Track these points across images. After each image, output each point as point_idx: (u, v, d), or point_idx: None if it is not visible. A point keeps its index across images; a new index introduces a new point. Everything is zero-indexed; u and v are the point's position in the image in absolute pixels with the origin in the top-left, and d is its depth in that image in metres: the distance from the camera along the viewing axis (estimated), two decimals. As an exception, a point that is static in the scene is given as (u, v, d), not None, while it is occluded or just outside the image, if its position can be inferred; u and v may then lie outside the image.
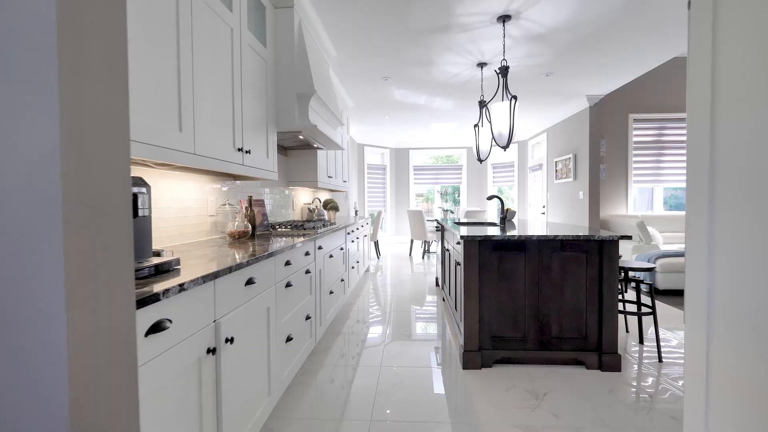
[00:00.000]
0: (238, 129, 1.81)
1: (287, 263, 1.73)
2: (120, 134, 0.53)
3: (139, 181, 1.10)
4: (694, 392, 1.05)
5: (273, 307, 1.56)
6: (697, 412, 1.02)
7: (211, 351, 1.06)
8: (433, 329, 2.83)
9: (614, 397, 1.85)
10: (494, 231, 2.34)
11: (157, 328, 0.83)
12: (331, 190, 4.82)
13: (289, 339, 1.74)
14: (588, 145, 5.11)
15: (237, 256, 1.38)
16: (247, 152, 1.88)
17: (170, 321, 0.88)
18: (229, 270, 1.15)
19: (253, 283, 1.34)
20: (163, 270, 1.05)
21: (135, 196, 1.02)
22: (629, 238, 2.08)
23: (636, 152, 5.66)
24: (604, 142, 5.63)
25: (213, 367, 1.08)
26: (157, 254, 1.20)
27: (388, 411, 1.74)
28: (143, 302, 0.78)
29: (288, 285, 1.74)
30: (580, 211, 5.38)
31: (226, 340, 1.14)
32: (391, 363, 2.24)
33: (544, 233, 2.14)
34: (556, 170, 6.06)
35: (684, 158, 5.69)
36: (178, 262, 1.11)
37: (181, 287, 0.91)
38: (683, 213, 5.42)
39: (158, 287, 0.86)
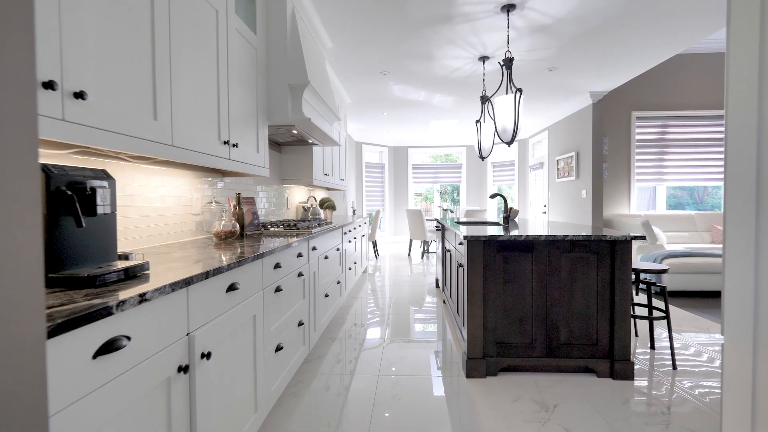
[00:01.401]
0: (224, 120, 1.67)
1: (277, 266, 1.59)
2: (17, 103, 0.39)
3: (101, 174, 0.96)
4: (735, 415, 0.92)
5: (260, 314, 1.42)
6: (742, 439, 0.89)
7: (183, 369, 0.92)
8: (434, 334, 2.70)
9: (629, 409, 1.72)
10: (498, 231, 2.21)
11: (110, 347, 0.69)
12: (328, 189, 4.68)
13: (279, 348, 1.60)
14: (591, 143, 4.99)
15: (223, 258, 1.24)
16: (234, 146, 1.74)
17: (128, 338, 0.74)
18: (206, 275, 1.01)
19: (236, 289, 1.20)
20: (131, 276, 0.91)
21: (93, 191, 0.88)
22: (643, 238, 1.96)
23: (638, 150, 5.55)
24: (606, 140, 5.52)
25: (185, 387, 0.95)
26: (125, 257, 1.06)
27: (386, 425, 1.60)
28: (90, 317, 0.64)
29: (278, 290, 1.60)
30: (582, 210, 5.26)
31: (202, 356, 1.00)
32: (390, 371, 2.11)
33: (552, 233, 2.01)
34: (558, 169, 5.94)
35: (688, 157, 5.58)
36: (146, 266, 0.97)
37: (142, 298, 0.77)
38: (687, 212, 5.31)
39: (113, 298, 0.72)
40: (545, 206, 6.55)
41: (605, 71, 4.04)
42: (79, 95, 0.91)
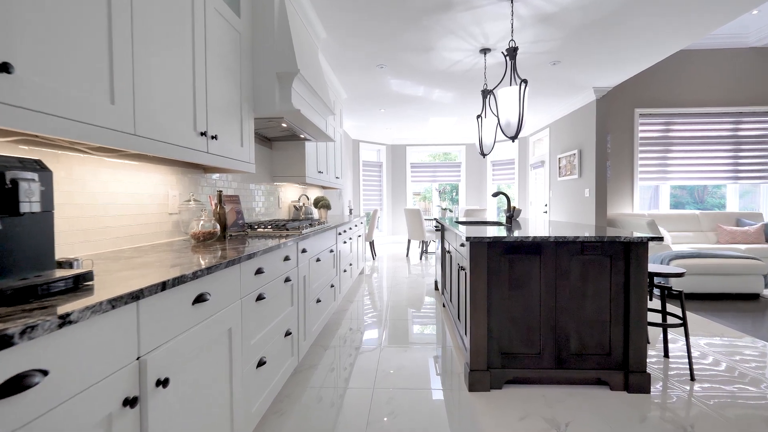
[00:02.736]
0: (201, 109, 1.50)
1: (259, 271, 1.43)
2: None
3: (32, 165, 0.79)
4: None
5: (237, 327, 1.26)
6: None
7: (131, 402, 0.75)
8: (433, 341, 2.54)
9: (649, 427, 1.57)
10: (501, 231, 2.06)
11: (13, 387, 0.53)
12: (323, 187, 4.51)
13: (261, 363, 1.43)
14: (594, 141, 4.84)
15: (202, 262, 1.08)
16: (213, 138, 1.57)
17: (44, 372, 0.58)
18: (163, 287, 0.84)
19: (206, 300, 1.03)
20: (70, 288, 0.75)
21: (14, 184, 0.71)
22: (660, 239, 1.80)
23: (642, 148, 5.41)
24: (608, 138, 5.37)
25: (134, 424, 0.78)
26: (69, 265, 0.89)
27: (381, 449, 1.44)
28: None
29: (260, 298, 1.43)
30: (585, 209, 5.12)
31: (158, 383, 0.83)
32: (386, 384, 1.94)
33: (560, 234, 1.85)
34: (560, 167, 5.79)
35: (692, 155, 5.43)
36: (89, 276, 0.80)
37: (65, 320, 0.60)
38: (692, 212, 5.17)
39: (20, 323, 0.55)
40: (546, 205, 6.40)
41: (610, 65, 3.89)
42: (3, 68, 0.74)
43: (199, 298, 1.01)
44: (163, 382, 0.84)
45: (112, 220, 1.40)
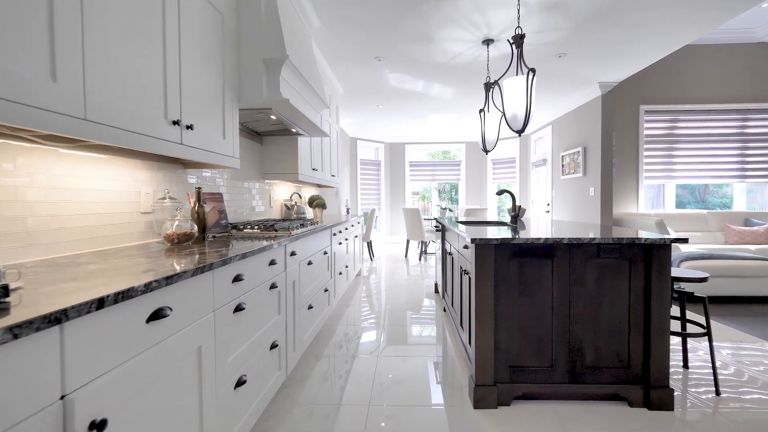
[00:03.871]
0: (173, 94, 1.33)
1: (237, 278, 1.25)
2: None
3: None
4: None
5: (209, 344, 1.08)
6: None
7: (49, 457, 0.58)
8: (433, 350, 2.37)
9: (676, 451, 1.40)
10: (506, 232, 1.89)
11: None
12: (319, 186, 4.33)
13: (240, 383, 1.26)
14: (600, 138, 4.69)
15: (178, 267, 0.91)
16: (188, 128, 1.40)
17: None
18: (99, 304, 0.67)
19: (165, 316, 0.86)
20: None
21: None
22: (685, 241, 1.64)
23: (647, 146, 5.25)
24: (613, 135, 5.21)
25: (54, 483, 0.61)
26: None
27: (377, 479, 1.27)
28: None
29: (238, 309, 1.26)
30: (589, 208, 4.96)
31: (92, 427, 0.66)
32: (383, 400, 1.77)
33: (574, 235, 1.68)
34: (563, 165, 5.63)
35: (698, 153, 5.28)
36: (4, 291, 0.63)
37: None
38: (699, 211, 5.01)
39: None
40: (549, 205, 6.24)
41: (617, 58, 3.72)
42: None
43: (157, 314, 0.84)
44: (98, 426, 0.66)
45: (69, 220, 1.23)
